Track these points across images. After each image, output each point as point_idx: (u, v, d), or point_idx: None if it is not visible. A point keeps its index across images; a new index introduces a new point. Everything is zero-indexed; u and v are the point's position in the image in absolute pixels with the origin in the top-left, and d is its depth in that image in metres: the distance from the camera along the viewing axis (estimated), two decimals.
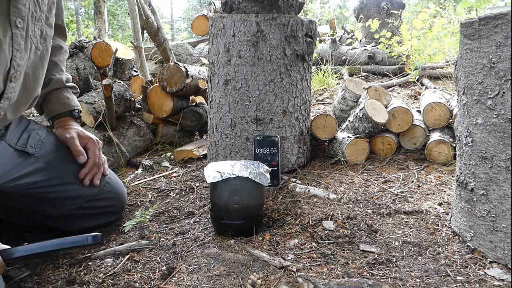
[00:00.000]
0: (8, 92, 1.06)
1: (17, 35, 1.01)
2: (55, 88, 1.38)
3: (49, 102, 1.38)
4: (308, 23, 1.78)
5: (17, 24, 1.00)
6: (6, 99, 1.07)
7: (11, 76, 1.04)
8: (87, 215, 1.37)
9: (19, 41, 1.02)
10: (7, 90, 1.06)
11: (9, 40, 0.99)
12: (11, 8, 0.98)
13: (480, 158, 1.11)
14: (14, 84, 1.07)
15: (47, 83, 1.35)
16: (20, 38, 1.03)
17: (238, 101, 1.76)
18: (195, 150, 2.10)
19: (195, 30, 3.64)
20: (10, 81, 1.05)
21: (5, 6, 0.97)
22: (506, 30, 0.99)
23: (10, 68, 1.03)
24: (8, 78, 1.03)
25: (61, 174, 1.27)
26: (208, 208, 1.48)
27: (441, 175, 1.79)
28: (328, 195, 1.57)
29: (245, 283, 0.99)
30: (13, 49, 1.01)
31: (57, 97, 1.38)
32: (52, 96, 1.38)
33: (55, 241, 0.83)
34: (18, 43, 1.02)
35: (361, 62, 3.96)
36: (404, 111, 2.05)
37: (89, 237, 0.81)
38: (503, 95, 1.02)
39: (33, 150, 1.24)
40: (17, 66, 1.05)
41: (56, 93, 1.38)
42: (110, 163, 1.97)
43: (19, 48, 1.03)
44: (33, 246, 0.83)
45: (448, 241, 1.22)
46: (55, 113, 1.39)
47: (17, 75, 1.06)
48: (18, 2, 0.99)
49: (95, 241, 0.81)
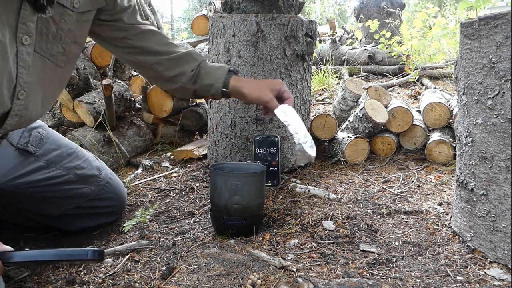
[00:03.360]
0: (16, 110, 1.03)
1: (22, 52, 0.99)
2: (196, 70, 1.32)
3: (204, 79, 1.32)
4: (308, 23, 1.78)
5: (23, 41, 0.98)
6: (14, 116, 1.04)
7: (17, 93, 1.01)
8: (87, 215, 1.37)
9: (24, 58, 1.00)
10: (15, 107, 1.02)
11: (13, 57, 0.97)
12: (19, 25, 0.96)
13: (480, 158, 1.11)
14: (23, 102, 1.03)
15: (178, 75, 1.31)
16: (26, 55, 1.00)
17: (238, 101, 1.76)
18: (195, 150, 2.10)
19: (195, 30, 3.64)
20: (18, 98, 1.01)
21: (13, 22, 0.95)
22: (506, 30, 0.99)
23: (16, 85, 1.00)
24: (15, 95, 1.00)
25: (61, 173, 1.28)
26: (208, 208, 1.48)
27: (441, 175, 1.79)
28: (328, 195, 1.57)
29: (245, 283, 0.99)
30: (17, 65, 0.98)
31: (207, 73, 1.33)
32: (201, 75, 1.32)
33: (55, 251, 0.83)
34: (23, 60, 0.99)
35: (361, 62, 3.96)
36: (404, 111, 2.05)
37: (90, 252, 0.81)
38: (503, 95, 1.02)
39: (34, 149, 1.24)
40: (24, 83, 1.02)
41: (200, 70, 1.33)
42: (110, 163, 1.97)
43: (24, 65, 1.00)
44: (33, 253, 0.83)
45: (448, 241, 1.22)
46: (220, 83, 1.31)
47: (24, 93, 1.02)
48: (26, 19, 0.97)
49: (94, 257, 0.81)
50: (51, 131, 1.35)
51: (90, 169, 1.34)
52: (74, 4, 1.08)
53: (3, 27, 0.92)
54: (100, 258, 0.82)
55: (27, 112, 1.07)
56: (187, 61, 1.32)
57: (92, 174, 1.34)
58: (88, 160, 1.36)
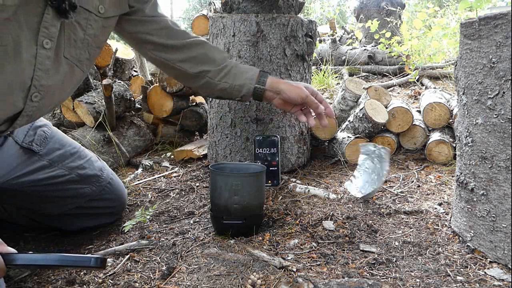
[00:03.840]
0: (28, 111, 1.03)
1: (41, 55, 0.98)
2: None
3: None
4: (308, 23, 1.78)
5: (44, 44, 0.98)
6: (25, 116, 1.04)
7: (31, 95, 1.00)
8: (87, 215, 1.37)
9: (43, 61, 0.99)
10: (27, 108, 1.02)
11: (31, 59, 0.97)
12: (41, 28, 0.96)
13: (480, 158, 1.11)
14: (37, 104, 1.03)
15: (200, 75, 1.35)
16: (46, 59, 0.99)
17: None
18: (195, 150, 2.10)
19: (195, 30, 3.63)
20: (31, 100, 1.01)
21: (36, 24, 0.95)
22: (506, 30, 0.99)
23: (31, 87, 0.99)
24: (28, 96, 1.00)
25: (64, 173, 1.28)
26: (208, 208, 1.48)
27: (441, 175, 1.79)
28: (328, 195, 1.57)
29: (245, 283, 0.99)
30: (35, 68, 0.98)
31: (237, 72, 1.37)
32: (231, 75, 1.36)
33: (58, 256, 0.84)
34: (41, 63, 0.99)
35: (361, 62, 3.96)
36: (404, 111, 2.05)
37: (92, 259, 0.82)
38: (503, 95, 1.02)
39: (38, 148, 1.24)
40: (40, 86, 1.00)
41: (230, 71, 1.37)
42: (110, 163, 1.97)
43: (42, 68, 0.99)
44: (36, 257, 0.84)
45: (448, 241, 1.22)
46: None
47: (39, 95, 1.02)
48: (49, 23, 0.97)
49: (97, 264, 0.81)
50: (55, 130, 1.35)
51: (92, 169, 1.34)
52: (99, 9, 1.09)
53: (20, 28, 0.92)
54: (102, 266, 0.82)
55: (38, 113, 1.07)
56: (209, 59, 1.34)
57: (94, 174, 1.34)
58: (90, 160, 1.36)
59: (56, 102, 1.12)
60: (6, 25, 0.89)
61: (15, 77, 0.95)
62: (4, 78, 0.93)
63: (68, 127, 2.18)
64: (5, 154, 1.17)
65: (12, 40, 0.92)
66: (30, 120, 1.09)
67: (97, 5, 1.08)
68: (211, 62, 1.35)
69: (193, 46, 1.35)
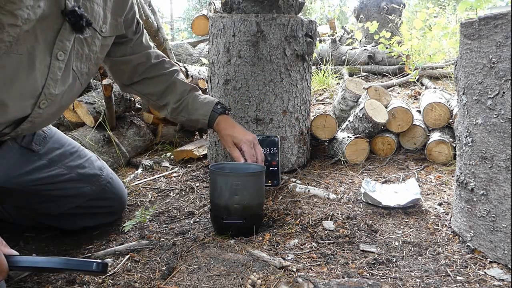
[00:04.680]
0: (33, 117, 1.08)
1: (54, 65, 1.04)
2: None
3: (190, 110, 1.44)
4: (308, 23, 1.78)
5: (58, 56, 1.05)
6: (29, 122, 1.08)
7: (40, 102, 1.06)
8: (87, 215, 1.37)
9: (55, 71, 1.05)
10: (33, 114, 1.07)
11: (44, 68, 1.03)
12: (57, 41, 1.03)
13: (480, 158, 1.11)
14: (42, 111, 1.08)
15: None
16: (58, 69, 1.06)
17: (238, 101, 1.76)
18: (195, 150, 2.10)
19: (195, 30, 3.64)
20: (39, 107, 1.06)
21: (52, 38, 1.02)
22: (506, 30, 0.99)
23: (41, 94, 1.05)
24: (37, 103, 1.05)
25: (63, 172, 1.28)
26: (208, 208, 1.48)
27: (441, 175, 1.79)
28: (328, 195, 1.57)
29: (245, 283, 0.99)
30: (47, 77, 1.04)
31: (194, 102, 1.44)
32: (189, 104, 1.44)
33: (61, 260, 0.84)
34: (53, 73, 1.05)
35: (361, 62, 3.96)
36: (404, 111, 2.05)
37: (95, 264, 0.83)
38: (503, 95, 1.02)
39: (38, 147, 1.25)
40: (49, 95, 1.06)
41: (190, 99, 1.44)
42: (110, 163, 1.97)
43: (53, 77, 1.05)
44: (39, 260, 0.84)
45: (448, 241, 1.22)
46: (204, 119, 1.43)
47: (46, 103, 1.08)
48: (64, 37, 1.04)
49: (98, 269, 0.82)
50: (55, 129, 1.35)
51: (92, 168, 1.34)
52: (102, 29, 1.18)
53: (36, 41, 0.98)
54: (104, 271, 0.83)
55: (40, 120, 1.12)
56: (171, 92, 1.44)
57: (94, 174, 1.34)
58: (90, 159, 1.36)
59: (55, 111, 1.16)
60: (24, 37, 0.95)
61: (28, 84, 1.01)
62: (18, 84, 0.99)
63: (68, 127, 2.18)
64: (5, 154, 1.17)
65: (27, 51, 0.97)
66: (32, 128, 1.14)
67: (101, 25, 1.17)
68: (173, 96, 1.44)
69: (160, 81, 1.44)
